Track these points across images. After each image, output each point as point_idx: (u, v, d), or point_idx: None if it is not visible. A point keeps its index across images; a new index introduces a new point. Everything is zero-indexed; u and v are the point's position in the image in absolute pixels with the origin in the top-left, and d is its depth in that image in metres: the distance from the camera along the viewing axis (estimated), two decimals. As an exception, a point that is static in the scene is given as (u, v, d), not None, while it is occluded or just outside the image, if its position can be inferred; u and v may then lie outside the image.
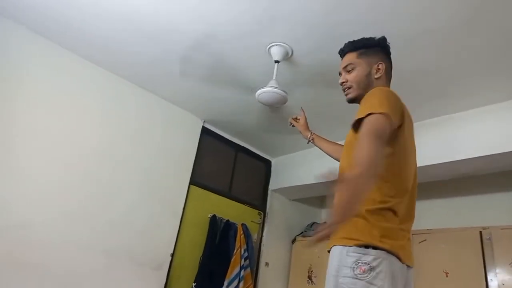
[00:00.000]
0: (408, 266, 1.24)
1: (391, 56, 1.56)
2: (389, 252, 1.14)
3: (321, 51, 2.40)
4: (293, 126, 2.13)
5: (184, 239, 3.18)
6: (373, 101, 1.25)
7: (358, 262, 1.11)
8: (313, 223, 4.09)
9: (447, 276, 2.78)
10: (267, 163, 4.18)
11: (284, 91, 2.40)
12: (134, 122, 3.06)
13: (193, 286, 3.02)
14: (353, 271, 1.10)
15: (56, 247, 2.47)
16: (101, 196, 2.76)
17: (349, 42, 1.52)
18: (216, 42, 2.45)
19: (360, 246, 1.13)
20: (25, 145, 2.48)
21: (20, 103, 2.51)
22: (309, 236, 3.91)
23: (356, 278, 1.09)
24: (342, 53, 1.54)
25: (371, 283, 1.08)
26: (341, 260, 1.15)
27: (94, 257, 2.62)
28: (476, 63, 2.32)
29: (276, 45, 2.38)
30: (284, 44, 2.37)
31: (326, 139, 1.97)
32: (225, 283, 3.11)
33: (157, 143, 3.18)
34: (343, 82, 1.49)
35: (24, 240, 2.35)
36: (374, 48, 1.47)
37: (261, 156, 4.13)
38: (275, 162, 4.19)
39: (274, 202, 4.04)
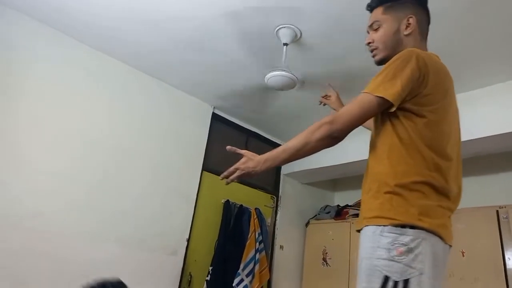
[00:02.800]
0: (450, 246, 1.16)
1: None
2: (429, 231, 1.03)
3: (330, 32, 2.35)
4: (324, 105, 1.95)
5: (199, 225, 3.22)
6: (385, 74, 1.12)
7: (394, 243, 1.00)
8: (326, 205, 4.10)
9: (463, 255, 2.76)
10: (278, 147, 4.17)
11: (293, 74, 2.37)
12: (144, 111, 3.07)
13: (210, 270, 3.07)
14: (389, 252, 1.00)
15: (69, 237, 2.52)
16: (113, 185, 2.79)
17: None
18: (223, 27, 2.42)
19: (396, 225, 1.02)
20: (32, 137, 2.50)
21: (26, 95, 2.53)
22: (323, 219, 3.93)
23: (393, 260, 0.99)
24: (370, 8, 1.35)
25: (410, 266, 0.98)
26: (374, 241, 1.04)
27: (109, 246, 2.67)
28: (485, 43, 2.26)
29: (284, 27, 2.34)
30: (292, 26, 2.33)
31: None
32: (241, 266, 3.16)
33: (168, 130, 3.19)
34: (370, 43, 1.32)
35: (37, 231, 2.39)
36: (402, 0, 1.27)
37: (272, 140, 4.12)
38: (287, 146, 4.17)
39: (286, 186, 4.05)
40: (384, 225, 1.04)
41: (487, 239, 2.69)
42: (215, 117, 3.59)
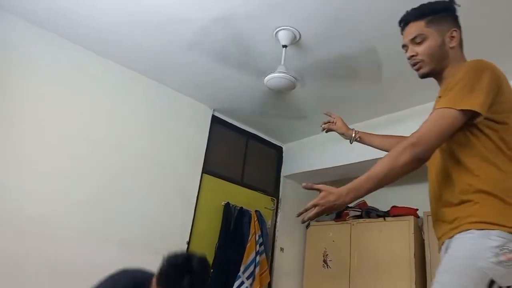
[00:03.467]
0: None
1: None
2: None
3: (329, 35, 2.36)
4: (327, 131, 1.89)
5: (199, 227, 3.22)
6: (461, 86, 1.11)
7: (503, 248, 0.99)
8: (327, 207, 4.09)
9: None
10: (279, 150, 4.18)
11: (292, 76, 2.37)
12: (143, 114, 3.08)
13: (210, 273, 3.06)
14: (497, 257, 0.98)
15: (72, 240, 2.52)
16: (114, 188, 2.80)
17: (412, 9, 1.33)
18: (223, 29, 2.43)
19: (504, 231, 1.01)
20: (36, 141, 2.51)
21: (29, 98, 2.54)
22: (323, 221, 3.92)
23: (499, 265, 0.98)
24: (405, 22, 1.34)
25: None
26: (480, 243, 1.02)
27: (111, 248, 2.67)
28: (487, 44, 2.27)
29: (284, 29, 2.34)
30: (292, 28, 2.34)
31: (374, 134, 1.76)
32: (242, 269, 3.15)
33: (168, 133, 3.19)
34: (413, 56, 1.30)
35: (40, 235, 2.40)
36: (442, 14, 1.29)
37: (272, 142, 4.12)
38: (287, 148, 4.18)
39: (286, 188, 4.05)
40: (491, 229, 1.03)
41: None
42: (215, 119, 3.59)
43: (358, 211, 3.70)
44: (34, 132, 2.52)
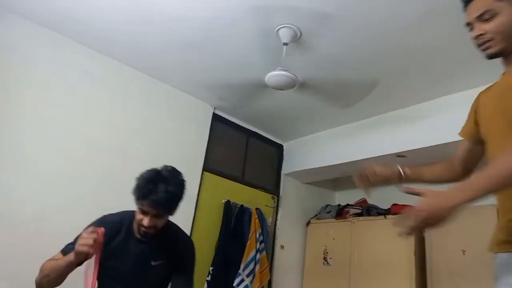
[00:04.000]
0: None
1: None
2: None
3: (330, 32, 2.35)
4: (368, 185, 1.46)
5: (200, 225, 3.22)
6: None
7: None
8: (327, 205, 4.10)
9: (464, 254, 2.77)
10: (279, 147, 4.18)
11: (293, 74, 2.37)
12: (144, 112, 3.08)
13: (211, 270, 3.08)
14: None
15: (71, 239, 2.52)
16: (113, 187, 2.78)
17: None
18: (223, 27, 2.42)
19: None
20: (35, 140, 2.52)
21: (28, 97, 2.54)
22: (324, 218, 3.92)
23: None
24: None
25: None
26: None
27: None
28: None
29: (284, 27, 2.34)
30: (293, 26, 2.33)
31: (422, 166, 1.51)
32: (242, 266, 3.16)
33: (168, 131, 3.20)
34: (480, 35, 1.14)
35: (39, 234, 2.40)
36: None
37: (272, 140, 4.12)
38: (287, 146, 4.18)
39: (287, 186, 4.05)
40: None
41: (486, 236, 2.68)
42: (215, 117, 3.59)
43: (359, 209, 3.70)
44: (35, 133, 2.53)
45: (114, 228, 1.57)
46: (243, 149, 3.84)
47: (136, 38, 2.65)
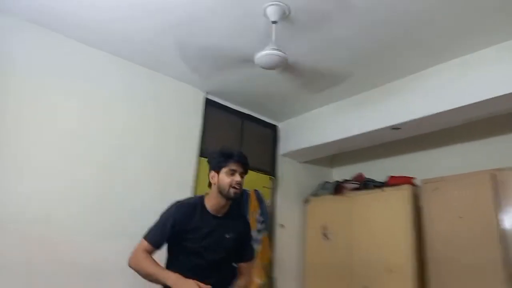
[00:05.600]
0: None
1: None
2: None
3: (320, 8, 2.32)
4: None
5: (200, 210, 3.24)
6: None
7: None
8: (325, 182, 4.14)
9: (460, 219, 2.82)
10: (274, 129, 4.18)
11: (283, 52, 2.35)
12: (136, 101, 3.05)
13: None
14: None
15: (77, 239, 2.51)
16: (115, 184, 2.79)
17: None
18: (211, 8, 2.37)
19: None
20: (33, 141, 2.49)
21: (24, 97, 2.50)
22: (322, 195, 3.96)
23: None
24: None
25: None
26: None
27: (118, 245, 2.57)
28: (479, 7, 2.24)
29: (272, 4, 2.30)
30: (281, 3, 2.29)
31: None
32: (244, 248, 3.20)
33: (162, 120, 3.17)
34: None
35: (44, 236, 2.40)
36: None
37: (267, 122, 4.11)
38: (282, 127, 4.18)
39: (284, 166, 4.07)
40: None
41: (482, 202, 2.74)
42: (208, 102, 3.57)
43: (356, 183, 3.74)
44: (32, 134, 2.50)
45: (191, 208, 1.80)
46: (238, 133, 3.83)
47: (123, 25, 2.59)
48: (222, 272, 1.81)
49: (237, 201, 1.90)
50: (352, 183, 3.78)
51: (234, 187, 1.76)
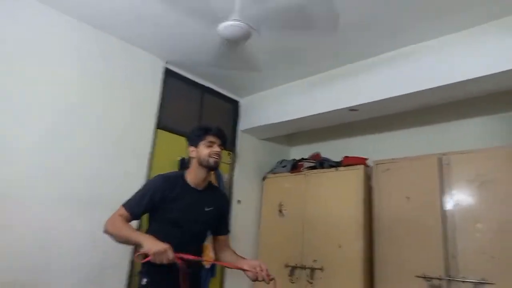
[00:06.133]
0: None
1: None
2: None
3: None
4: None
5: (155, 183, 3.17)
6: None
7: None
8: (283, 160, 4.19)
9: (408, 200, 2.98)
10: (235, 104, 4.13)
11: (248, 24, 2.28)
12: (93, 68, 2.88)
13: (168, 227, 3.08)
14: None
15: (26, 205, 2.42)
16: (65, 150, 2.67)
17: None
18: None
19: None
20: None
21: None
22: (279, 173, 4.02)
23: None
24: None
25: None
26: None
27: (67, 211, 2.60)
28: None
29: (237, -27, 2.21)
30: (246, -28, 2.21)
31: None
32: (199, 222, 3.19)
33: (120, 88, 3.03)
34: None
35: (13, 205, 2.34)
36: None
37: (228, 96, 4.05)
38: (243, 102, 4.14)
39: (243, 142, 4.06)
40: None
41: (429, 184, 2.90)
42: (168, 72, 3.44)
43: (313, 162, 3.82)
44: None
45: (172, 180, 1.85)
46: (198, 106, 3.74)
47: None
48: (198, 244, 1.90)
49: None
50: (309, 162, 3.86)
51: (213, 157, 1.84)
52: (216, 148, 1.86)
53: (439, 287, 2.64)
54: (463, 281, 2.55)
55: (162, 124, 3.31)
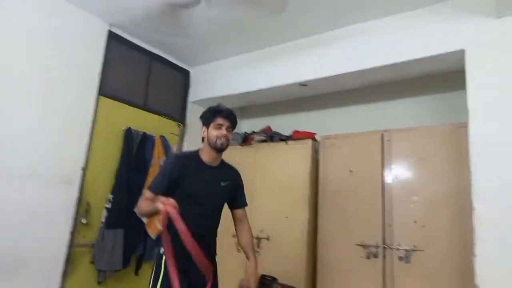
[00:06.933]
0: None
1: None
2: None
3: None
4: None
5: (97, 153, 3.02)
6: None
7: None
8: (234, 133, 4.14)
9: (351, 173, 3.10)
10: (186, 73, 3.99)
11: (196, -13, 2.16)
12: (27, 29, 2.63)
13: (110, 198, 2.97)
14: None
15: None
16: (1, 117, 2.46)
17: None
18: None
19: None
20: None
21: None
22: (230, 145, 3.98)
23: None
24: None
25: None
26: None
27: (11, 185, 2.47)
28: None
29: None
30: None
31: None
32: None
33: (57, 50, 2.80)
34: None
35: None
36: None
37: (178, 66, 3.89)
38: (194, 72, 4.01)
39: (193, 114, 3.95)
40: None
41: (371, 159, 3.02)
42: (112, 36, 3.21)
43: (263, 135, 3.83)
44: None
45: (188, 158, 1.98)
46: (145, 74, 3.56)
47: None
48: (216, 220, 2.06)
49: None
50: (260, 135, 3.86)
51: (220, 139, 1.93)
52: (224, 131, 1.94)
53: (375, 254, 2.81)
54: (397, 249, 2.73)
55: (104, 91, 3.12)
